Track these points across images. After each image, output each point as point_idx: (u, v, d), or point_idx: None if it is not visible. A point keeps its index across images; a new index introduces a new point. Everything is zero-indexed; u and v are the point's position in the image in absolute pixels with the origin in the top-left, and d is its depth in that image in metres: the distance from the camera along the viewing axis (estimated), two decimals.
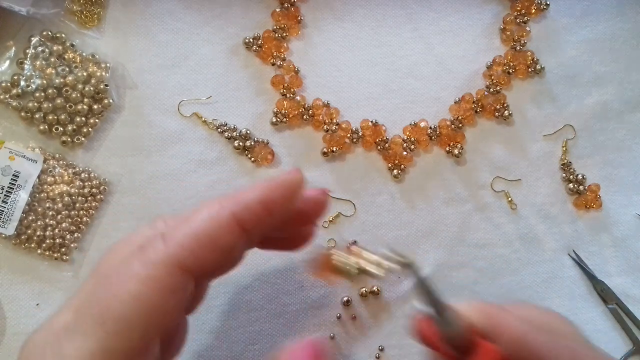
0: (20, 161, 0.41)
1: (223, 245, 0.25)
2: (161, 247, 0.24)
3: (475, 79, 0.45)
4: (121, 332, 0.23)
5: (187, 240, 0.25)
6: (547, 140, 0.45)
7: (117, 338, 0.23)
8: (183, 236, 0.25)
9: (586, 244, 0.44)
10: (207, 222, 0.25)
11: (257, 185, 0.26)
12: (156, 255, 0.24)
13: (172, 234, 0.25)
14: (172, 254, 0.24)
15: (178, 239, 0.25)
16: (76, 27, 0.43)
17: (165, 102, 0.43)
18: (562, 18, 0.46)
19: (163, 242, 0.25)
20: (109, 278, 0.25)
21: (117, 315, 0.23)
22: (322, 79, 0.45)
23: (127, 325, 0.23)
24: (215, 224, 0.25)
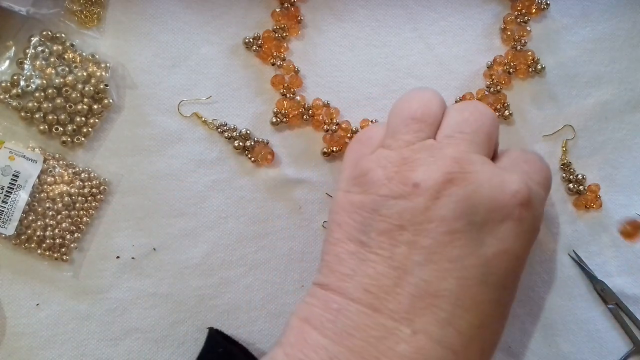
0: (20, 161, 0.41)
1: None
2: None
3: (475, 79, 0.45)
4: None
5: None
6: (547, 140, 0.45)
7: None
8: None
9: (586, 244, 0.44)
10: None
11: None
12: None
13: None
14: None
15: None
16: (76, 27, 0.43)
17: (165, 102, 0.43)
18: (563, 18, 0.46)
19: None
20: None
21: None
22: (322, 79, 0.45)
23: None
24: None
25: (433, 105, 0.34)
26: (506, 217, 0.30)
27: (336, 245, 0.32)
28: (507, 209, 0.30)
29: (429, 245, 0.29)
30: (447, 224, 0.29)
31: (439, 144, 0.32)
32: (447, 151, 0.31)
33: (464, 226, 0.29)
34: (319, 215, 0.43)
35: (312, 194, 0.43)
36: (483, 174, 0.31)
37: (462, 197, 0.30)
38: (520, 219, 0.30)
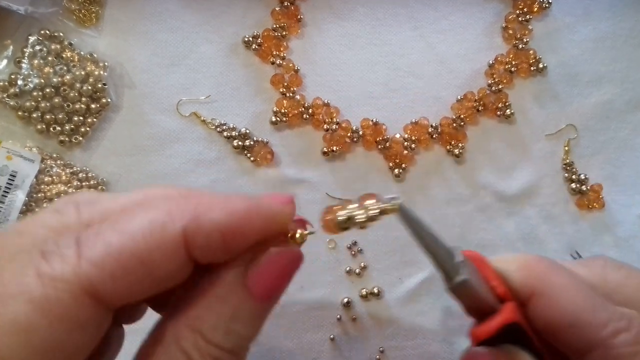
0: (18, 161, 0.40)
1: (158, 274, 0.18)
2: (71, 260, 0.17)
3: (476, 78, 0.45)
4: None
5: (109, 259, 0.17)
6: (549, 140, 0.45)
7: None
8: (104, 251, 0.17)
9: (588, 244, 0.44)
10: (143, 235, 0.17)
11: (229, 201, 0.19)
12: (62, 270, 0.17)
13: (91, 242, 0.17)
14: (83, 275, 0.17)
15: (96, 254, 0.17)
16: (74, 26, 0.43)
17: (164, 102, 0.43)
18: (564, 17, 0.46)
19: (76, 251, 0.17)
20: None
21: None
22: (322, 78, 0.44)
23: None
24: (155, 241, 0.18)
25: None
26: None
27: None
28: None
29: None
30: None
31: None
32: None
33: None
34: (319, 215, 0.43)
35: (312, 194, 0.43)
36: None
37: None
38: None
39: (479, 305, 0.23)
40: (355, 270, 0.42)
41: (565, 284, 0.22)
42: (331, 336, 0.41)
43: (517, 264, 0.24)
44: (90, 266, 0.17)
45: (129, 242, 0.17)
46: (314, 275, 0.42)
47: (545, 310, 0.22)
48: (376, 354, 0.41)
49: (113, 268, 0.17)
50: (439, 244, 0.23)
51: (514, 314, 0.22)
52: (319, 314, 0.41)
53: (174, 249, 0.18)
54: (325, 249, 0.42)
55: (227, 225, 0.19)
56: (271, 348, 0.41)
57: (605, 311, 0.22)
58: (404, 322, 0.42)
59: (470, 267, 0.23)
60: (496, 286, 0.23)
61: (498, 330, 0.22)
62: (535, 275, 0.23)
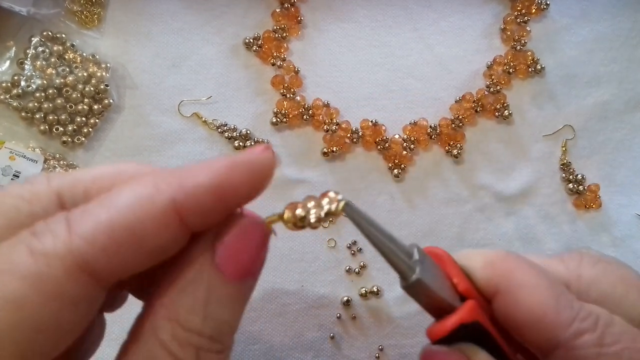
0: (21, 161, 0.41)
1: (152, 245, 0.18)
2: (62, 236, 0.17)
3: (475, 79, 0.45)
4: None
5: (100, 233, 0.17)
6: (547, 140, 0.45)
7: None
8: (94, 226, 0.17)
9: (586, 244, 0.44)
10: (132, 208, 0.17)
11: (211, 163, 0.19)
12: (54, 246, 0.17)
13: (80, 219, 0.17)
14: (75, 250, 0.17)
15: (87, 229, 0.17)
16: (76, 27, 0.43)
17: (166, 102, 0.43)
18: (562, 18, 0.46)
19: (66, 228, 0.17)
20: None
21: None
22: (322, 79, 0.45)
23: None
24: (144, 212, 0.17)
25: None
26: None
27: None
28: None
29: None
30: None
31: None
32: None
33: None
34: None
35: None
36: None
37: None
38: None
39: (437, 304, 0.22)
40: (355, 269, 0.42)
41: (530, 281, 0.22)
42: (331, 335, 0.42)
43: (482, 261, 0.23)
44: (81, 241, 0.17)
45: (118, 216, 0.17)
46: (314, 274, 0.42)
47: (508, 308, 0.22)
48: (375, 352, 0.41)
49: (105, 242, 0.17)
50: (393, 243, 0.22)
51: (472, 312, 0.22)
52: (319, 312, 0.42)
53: (165, 219, 0.18)
54: (325, 248, 0.43)
55: (214, 184, 0.18)
56: (271, 346, 0.41)
57: (571, 310, 0.21)
58: (403, 320, 0.42)
59: (431, 265, 0.23)
60: (458, 283, 0.23)
61: (452, 329, 0.21)
62: (500, 272, 0.22)
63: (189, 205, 0.18)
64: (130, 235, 0.17)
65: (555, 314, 0.21)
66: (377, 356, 0.41)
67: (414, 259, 0.22)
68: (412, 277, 0.21)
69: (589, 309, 0.22)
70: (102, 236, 0.17)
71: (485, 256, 0.23)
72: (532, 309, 0.21)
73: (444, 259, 0.24)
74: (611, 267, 0.24)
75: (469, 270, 0.23)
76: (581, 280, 0.23)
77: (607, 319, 0.22)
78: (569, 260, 0.24)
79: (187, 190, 0.18)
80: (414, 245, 0.23)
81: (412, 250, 0.22)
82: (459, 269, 0.23)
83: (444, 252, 0.24)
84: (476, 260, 0.23)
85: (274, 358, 0.41)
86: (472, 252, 0.24)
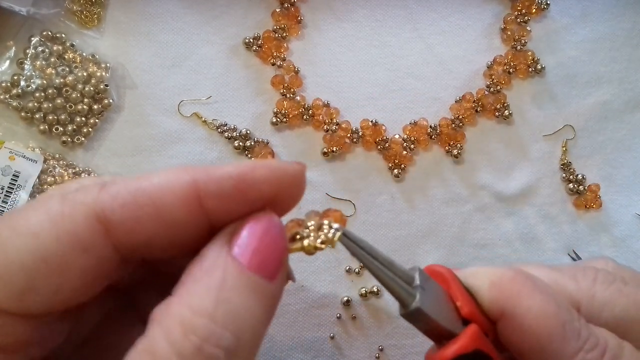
0: (20, 161, 0.41)
1: (168, 216, 0.19)
2: (93, 192, 0.19)
3: (475, 79, 0.45)
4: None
5: (125, 193, 0.19)
6: (547, 140, 0.45)
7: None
8: (122, 188, 0.19)
9: (586, 244, 0.44)
10: (158, 183, 0.19)
11: (238, 162, 0.21)
12: (83, 197, 0.19)
13: (112, 184, 0.19)
14: (99, 201, 0.19)
15: (114, 188, 0.19)
16: (76, 27, 0.43)
17: (165, 102, 0.43)
18: (563, 18, 0.46)
19: (99, 188, 0.19)
20: (19, 211, 0.19)
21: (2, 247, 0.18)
22: (322, 79, 0.45)
23: (8, 268, 0.18)
24: (167, 187, 0.19)
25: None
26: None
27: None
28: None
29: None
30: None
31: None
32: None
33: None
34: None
35: (312, 194, 0.43)
36: None
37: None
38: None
39: (437, 331, 0.21)
40: (355, 270, 0.42)
41: (538, 306, 0.21)
42: (331, 335, 0.42)
43: (488, 281, 0.22)
44: (106, 195, 0.19)
45: (143, 183, 0.19)
46: (314, 274, 0.42)
47: (513, 332, 0.21)
48: (375, 352, 0.41)
49: (125, 198, 0.18)
50: (392, 269, 0.21)
51: (472, 340, 0.21)
52: (319, 312, 0.42)
53: (186, 194, 0.19)
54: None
55: (236, 173, 0.19)
56: (271, 346, 0.41)
57: (577, 340, 0.20)
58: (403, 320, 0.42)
59: (433, 288, 0.22)
60: (461, 306, 0.22)
61: (453, 359, 0.21)
62: (506, 295, 0.21)
63: (209, 188, 0.19)
64: (150, 201, 0.18)
65: (561, 342, 0.20)
66: (377, 356, 0.41)
67: (415, 284, 0.21)
68: (411, 305, 0.21)
69: (597, 335, 0.21)
70: (124, 193, 0.19)
71: (492, 275, 0.22)
72: (537, 336, 0.21)
73: (448, 279, 0.23)
74: (627, 289, 0.23)
75: (475, 290, 0.22)
76: (593, 302, 0.22)
77: (616, 348, 0.21)
78: (583, 278, 0.23)
79: (210, 174, 0.19)
80: (415, 269, 0.22)
81: (413, 275, 0.22)
82: (463, 290, 0.23)
83: (449, 272, 0.23)
84: (482, 279, 0.22)
85: (274, 358, 0.41)
86: (479, 271, 0.23)
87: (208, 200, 0.19)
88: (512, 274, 0.22)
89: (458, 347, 0.21)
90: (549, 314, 0.21)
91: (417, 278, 0.21)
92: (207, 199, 0.19)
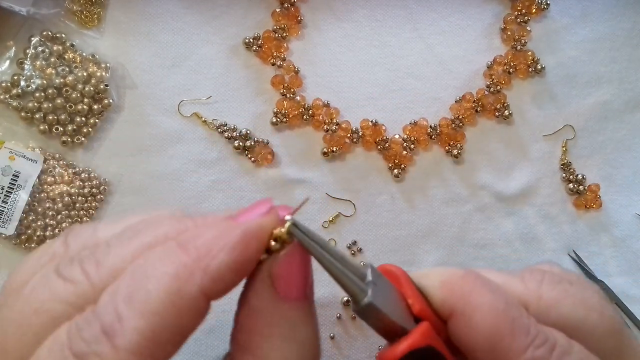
0: (20, 161, 0.41)
1: (188, 332, 0.19)
2: (110, 356, 0.17)
3: (475, 79, 0.45)
4: None
5: (144, 343, 0.18)
6: (547, 140, 0.45)
7: None
8: (137, 338, 0.17)
9: (586, 244, 0.44)
10: (166, 309, 0.18)
11: (229, 237, 0.19)
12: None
13: (120, 332, 0.17)
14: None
15: (132, 342, 0.17)
16: (76, 27, 0.43)
17: (165, 102, 0.43)
18: (563, 18, 0.46)
19: (110, 346, 0.17)
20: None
21: None
22: (322, 79, 0.45)
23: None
24: (177, 308, 0.18)
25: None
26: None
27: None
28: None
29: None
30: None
31: None
32: None
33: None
34: (319, 215, 0.43)
35: (312, 194, 0.43)
36: None
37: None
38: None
39: (389, 327, 0.21)
40: None
41: (487, 304, 0.21)
42: (331, 334, 0.42)
43: (439, 281, 0.22)
44: (130, 356, 0.17)
45: (155, 320, 0.18)
46: (314, 274, 0.42)
47: (463, 331, 0.21)
48: (375, 352, 0.41)
49: (151, 349, 0.18)
50: (345, 264, 0.21)
51: (424, 336, 0.21)
52: (319, 312, 0.42)
53: (196, 307, 0.19)
54: None
55: (234, 261, 0.20)
56: None
57: (526, 336, 0.20)
58: None
59: (385, 286, 0.22)
60: (413, 304, 0.22)
61: (403, 355, 0.21)
62: (456, 293, 0.21)
63: (215, 287, 0.19)
64: (169, 332, 0.18)
65: (510, 338, 0.20)
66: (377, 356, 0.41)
67: (367, 281, 0.21)
68: (363, 300, 0.21)
69: (546, 333, 0.21)
70: (147, 345, 0.18)
71: (442, 275, 0.22)
72: (486, 332, 0.20)
73: (400, 278, 0.23)
74: (573, 289, 0.23)
75: (426, 290, 0.23)
76: (541, 302, 0.22)
77: (565, 345, 0.21)
78: (530, 279, 0.23)
79: (212, 275, 0.19)
80: (367, 266, 0.22)
81: (365, 271, 0.22)
82: (415, 289, 0.23)
83: (401, 271, 0.23)
84: (433, 279, 0.22)
85: None
86: (430, 271, 0.23)
87: (214, 295, 0.20)
88: (462, 273, 0.22)
89: (410, 342, 0.21)
90: (498, 311, 0.21)
91: (369, 274, 0.21)
92: (213, 295, 0.20)
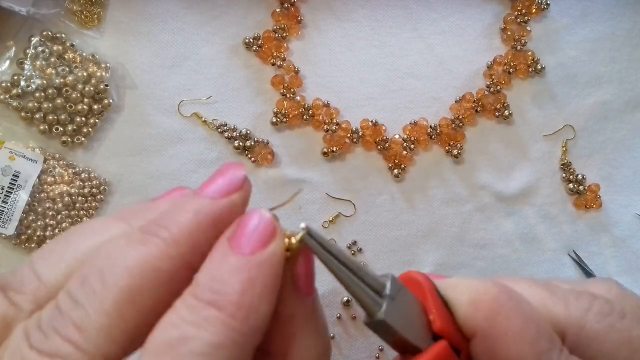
0: (20, 161, 0.41)
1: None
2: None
3: (475, 79, 0.45)
4: None
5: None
6: (547, 140, 0.45)
7: None
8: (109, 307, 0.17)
9: (586, 244, 0.44)
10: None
11: (187, 206, 0.19)
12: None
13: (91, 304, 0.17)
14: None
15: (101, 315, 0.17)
16: (76, 27, 0.43)
17: (165, 102, 0.43)
18: (563, 18, 0.46)
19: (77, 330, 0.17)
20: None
21: None
22: (322, 79, 0.45)
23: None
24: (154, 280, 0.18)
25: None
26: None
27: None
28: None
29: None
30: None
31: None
32: None
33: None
34: (319, 215, 0.43)
35: (312, 194, 0.43)
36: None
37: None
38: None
39: (402, 344, 0.20)
40: None
41: (515, 330, 0.19)
42: (331, 335, 0.42)
43: (468, 296, 0.20)
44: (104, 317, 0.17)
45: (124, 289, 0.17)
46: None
47: (485, 354, 0.19)
48: (375, 352, 0.41)
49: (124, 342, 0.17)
50: (361, 274, 0.20)
51: (437, 359, 0.19)
52: None
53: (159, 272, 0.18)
54: None
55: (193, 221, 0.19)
56: None
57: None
58: None
59: (405, 298, 0.20)
60: (434, 320, 0.20)
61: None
62: (484, 314, 0.19)
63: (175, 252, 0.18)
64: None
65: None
66: (377, 356, 0.41)
67: (385, 294, 0.20)
68: (375, 315, 0.19)
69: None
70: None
71: (473, 291, 0.20)
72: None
73: (424, 289, 0.21)
74: (622, 324, 0.21)
75: (452, 304, 0.21)
76: (582, 333, 0.20)
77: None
78: (576, 305, 0.21)
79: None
80: (388, 276, 0.20)
81: (384, 282, 0.20)
82: (439, 302, 0.21)
83: (426, 280, 0.22)
84: (462, 293, 0.21)
85: None
86: (459, 282, 0.21)
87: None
88: (494, 291, 0.20)
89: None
90: (525, 340, 0.19)
91: (389, 287, 0.20)
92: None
